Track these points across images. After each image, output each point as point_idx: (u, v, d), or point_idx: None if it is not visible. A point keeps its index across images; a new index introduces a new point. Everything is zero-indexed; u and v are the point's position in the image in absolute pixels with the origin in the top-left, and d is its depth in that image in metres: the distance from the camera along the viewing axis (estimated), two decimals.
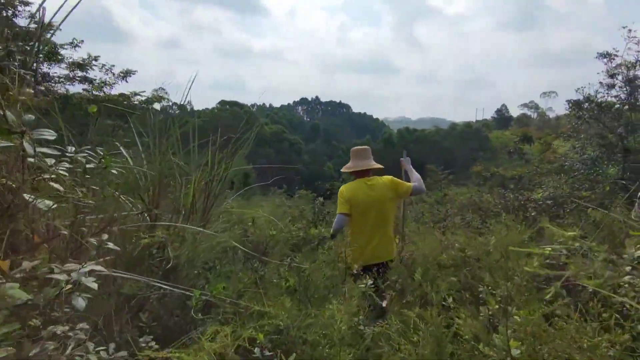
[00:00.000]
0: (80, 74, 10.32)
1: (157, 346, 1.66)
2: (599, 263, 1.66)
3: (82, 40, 10.27)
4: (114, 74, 10.69)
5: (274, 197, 14.82)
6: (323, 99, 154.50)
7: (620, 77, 5.58)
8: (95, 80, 10.55)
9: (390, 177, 3.15)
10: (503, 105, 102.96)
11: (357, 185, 3.01)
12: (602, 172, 4.79)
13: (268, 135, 51.11)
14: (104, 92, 10.81)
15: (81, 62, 10.06)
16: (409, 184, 3.15)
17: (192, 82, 3.01)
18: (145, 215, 2.35)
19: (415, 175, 3.30)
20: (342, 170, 3.24)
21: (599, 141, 5.43)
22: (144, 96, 11.45)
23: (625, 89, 5.53)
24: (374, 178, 3.11)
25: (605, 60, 5.87)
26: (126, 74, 10.83)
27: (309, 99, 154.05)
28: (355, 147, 3.22)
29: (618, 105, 5.71)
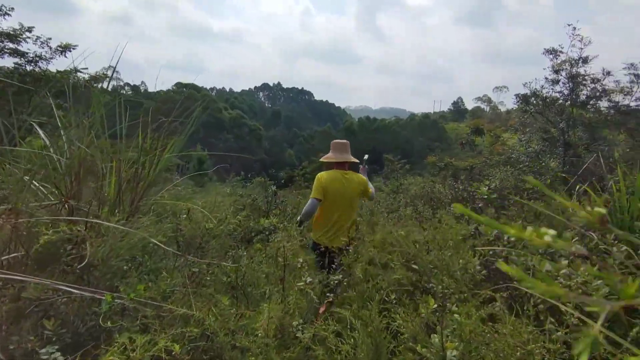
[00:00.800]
0: (10, 45, 9.31)
1: (62, 358, 1.45)
2: (537, 258, 1.62)
3: (12, 8, 9.25)
4: (50, 48, 9.73)
5: (231, 184, 14.46)
6: (285, 85, 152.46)
7: (564, 74, 5.84)
8: (28, 53, 9.56)
9: (364, 178, 3.48)
10: (459, 98, 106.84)
11: (335, 175, 3.27)
12: (545, 165, 5.02)
13: (227, 120, 49.63)
14: (40, 68, 9.85)
15: (11, 32, 9.06)
16: (372, 189, 3.52)
17: (118, 54, 2.69)
18: (62, 206, 2.08)
19: (371, 184, 3.60)
20: (321, 159, 3.47)
21: (542, 135, 5.68)
22: (87, 74, 10.56)
23: (568, 84, 5.80)
24: (350, 172, 3.38)
25: (551, 56, 6.11)
26: (65, 49, 9.89)
27: (271, 85, 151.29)
28: (336, 140, 3.50)
29: (561, 101, 5.98)
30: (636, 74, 5.83)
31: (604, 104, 5.90)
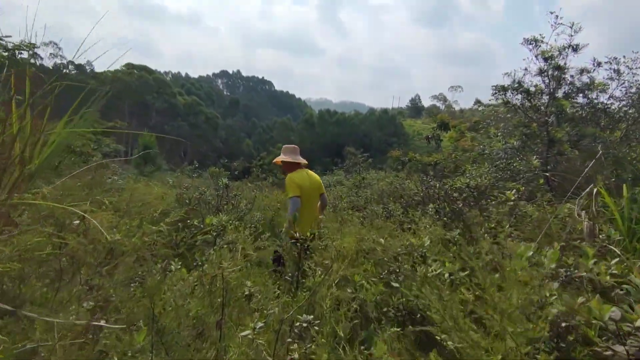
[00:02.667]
0: None
1: None
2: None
3: None
4: None
5: (181, 174, 13.34)
6: (245, 74, 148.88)
7: (549, 63, 5.59)
8: None
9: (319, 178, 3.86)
10: (417, 95, 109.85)
11: (302, 175, 3.59)
12: (526, 162, 4.72)
13: (181, 106, 47.07)
14: None
15: None
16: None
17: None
18: None
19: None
20: (278, 160, 3.78)
21: (523, 130, 5.39)
22: (10, 42, 9.05)
23: (554, 74, 5.55)
24: (309, 171, 3.77)
25: (530, 46, 5.85)
26: None
27: (230, 72, 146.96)
28: (289, 145, 3.89)
29: (545, 94, 5.74)
30: (616, 70, 5.74)
31: (580, 99, 5.77)
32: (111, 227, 1.57)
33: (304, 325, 1.29)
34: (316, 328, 1.30)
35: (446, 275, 1.75)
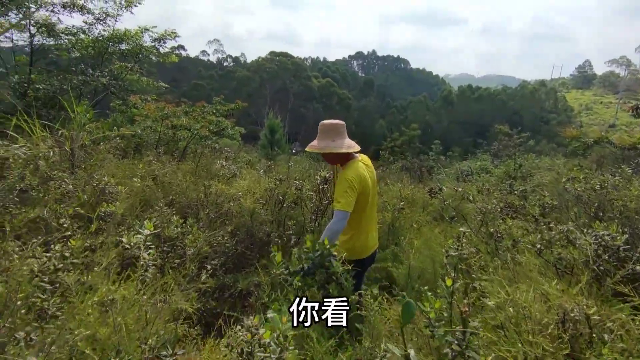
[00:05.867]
0: (79, 2, 8.72)
1: None
2: None
3: None
4: (115, 2, 8.96)
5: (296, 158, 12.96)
6: (380, 54, 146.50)
7: None
8: (94, 12, 8.93)
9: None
10: (586, 61, 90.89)
11: (361, 168, 2.42)
12: None
13: (316, 89, 48.32)
14: (108, 25, 9.21)
15: None
16: None
17: None
18: None
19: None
20: (324, 150, 2.41)
21: None
22: (155, 33, 9.71)
23: None
24: (363, 157, 2.62)
25: None
26: (129, 3, 9.05)
27: (365, 53, 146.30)
28: (333, 122, 2.51)
29: None
30: None
31: None
32: None
33: None
34: None
35: None
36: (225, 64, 73.24)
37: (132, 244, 1.99)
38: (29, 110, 7.47)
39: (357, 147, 2.46)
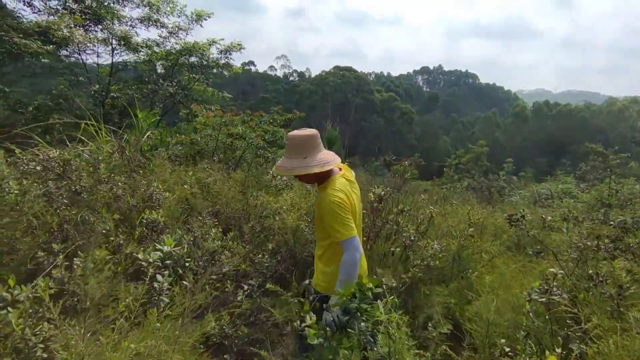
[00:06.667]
0: (155, 17, 9.28)
1: None
2: None
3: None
4: (187, 17, 9.40)
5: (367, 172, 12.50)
6: (447, 68, 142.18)
7: None
8: (168, 26, 9.44)
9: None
10: None
11: (344, 185, 1.98)
12: None
13: (378, 102, 47.74)
14: (179, 38, 9.68)
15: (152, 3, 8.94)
16: None
17: None
18: None
19: None
20: (295, 172, 1.93)
21: None
22: (222, 45, 10.01)
23: None
24: (345, 169, 2.14)
25: None
26: (199, 18, 9.44)
27: (431, 68, 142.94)
28: (303, 134, 1.95)
29: None
30: None
31: None
32: None
33: None
34: None
35: None
36: (291, 78, 75.77)
37: (150, 260, 1.74)
38: (103, 117, 7.94)
39: (337, 160, 2.00)
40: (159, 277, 1.70)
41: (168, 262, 1.79)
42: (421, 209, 3.78)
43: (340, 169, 2.11)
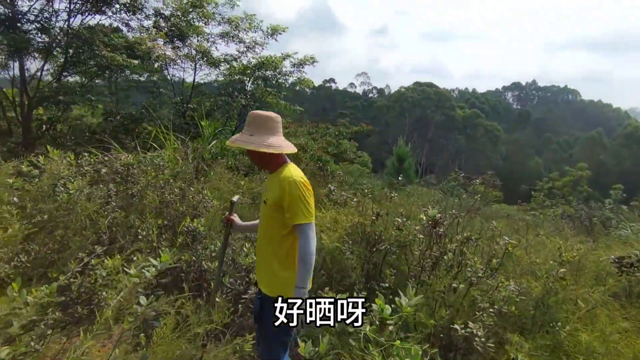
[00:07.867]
0: (233, 32, 9.74)
1: None
2: None
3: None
4: (263, 32, 9.69)
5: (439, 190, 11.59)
6: (541, 84, 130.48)
7: None
8: (245, 41, 9.82)
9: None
10: None
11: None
12: None
13: (460, 119, 45.07)
14: (256, 52, 10.01)
15: (230, 19, 9.39)
16: None
17: None
18: None
19: None
20: (249, 146, 1.82)
21: None
22: (296, 59, 10.13)
23: None
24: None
25: None
26: (274, 32, 9.66)
27: (523, 84, 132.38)
28: (268, 114, 1.91)
29: None
30: None
31: None
32: None
33: None
34: None
35: None
36: (370, 95, 75.85)
37: (140, 279, 1.52)
38: (182, 127, 8.37)
39: (292, 149, 1.89)
40: (142, 299, 1.45)
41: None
42: (495, 238, 3.12)
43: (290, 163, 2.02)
